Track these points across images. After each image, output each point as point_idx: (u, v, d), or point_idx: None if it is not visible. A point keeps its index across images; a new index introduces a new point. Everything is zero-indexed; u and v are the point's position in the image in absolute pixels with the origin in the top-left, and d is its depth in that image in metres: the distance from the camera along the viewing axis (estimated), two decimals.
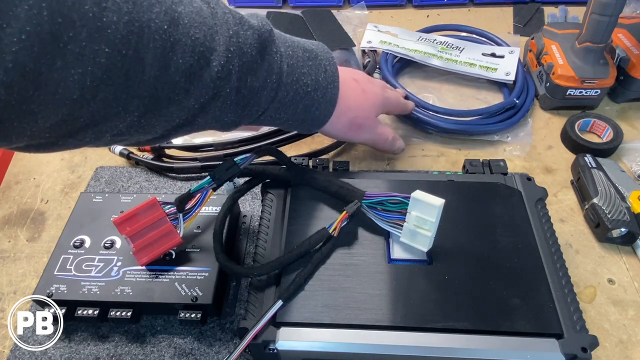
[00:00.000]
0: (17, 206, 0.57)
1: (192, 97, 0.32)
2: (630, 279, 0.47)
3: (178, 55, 0.30)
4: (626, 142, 0.59)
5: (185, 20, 0.30)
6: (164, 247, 0.42)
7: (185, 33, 0.30)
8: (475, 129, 0.60)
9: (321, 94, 0.41)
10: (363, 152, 0.61)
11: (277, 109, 0.39)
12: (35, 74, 0.23)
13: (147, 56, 0.28)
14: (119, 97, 0.28)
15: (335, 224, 0.41)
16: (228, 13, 0.34)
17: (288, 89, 0.38)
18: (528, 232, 0.42)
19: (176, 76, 0.30)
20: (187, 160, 0.59)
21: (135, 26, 0.27)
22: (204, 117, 0.35)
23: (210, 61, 0.32)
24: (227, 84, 0.33)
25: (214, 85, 0.33)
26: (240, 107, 0.36)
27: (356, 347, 0.36)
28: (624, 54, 0.63)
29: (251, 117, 0.38)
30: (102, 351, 0.43)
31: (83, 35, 0.24)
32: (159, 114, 0.31)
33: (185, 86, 0.31)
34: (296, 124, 0.43)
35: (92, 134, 0.30)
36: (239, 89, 0.35)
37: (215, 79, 0.32)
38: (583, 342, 0.35)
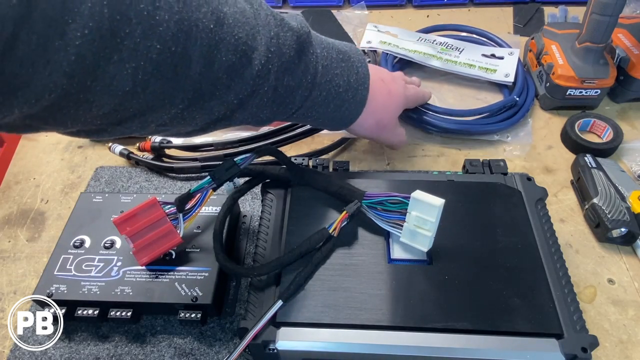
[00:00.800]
0: (17, 206, 0.57)
1: (232, 92, 0.33)
2: (630, 279, 0.47)
3: (222, 53, 0.31)
4: (626, 142, 0.59)
5: (230, 20, 0.31)
6: (164, 247, 0.42)
7: (230, 32, 0.31)
8: (475, 129, 0.60)
9: (352, 94, 0.43)
10: (363, 152, 0.61)
11: (310, 108, 0.41)
12: (94, 66, 0.25)
13: (194, 53, 0.29)
14: (166, 91, 0.30)
15: (335, 224, 0.41)
16: (270, 15, 0.35)
17: (321, 88, 0.40)
18: (528, 232, 0.42)
19: (219, 73, 0.32)
20: (187, 160, 0.59)
21: (184, 25, 0.28)
22: (242, 113, 0.36)
23: (252, 60, 0.33)
24: (266, 82, 0.35)
25: (254, 83, 0.34)
26: (276, 104, 0.37)
27: (356, 347, 0.36)
28: (624, 54, 0.63)
29: (285, 114, 0.40)
30: (102, 351, 0.43)
31: (138, 32, 0.26)
32: (200, 107, 0.33)
33: (227, 82, 0.32)
34: (326, 122, 0.44)
35: (139, 123, 0.31)
36: (277, 87, 0.36)
37: (255, 76, 0.34)
38: (583, 342, 0.35)
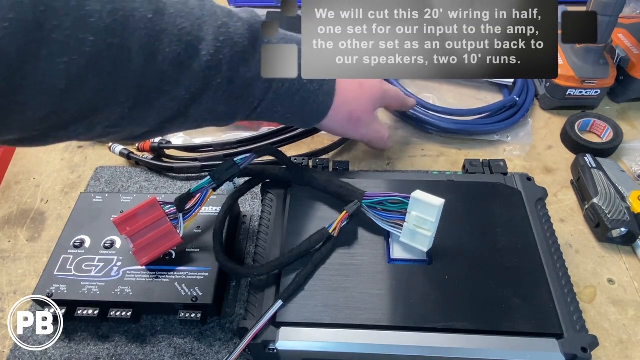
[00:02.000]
0: (17, 206, 0.57)
1: (182, 86, 0.32)
2: (630, 279, 0.47)
3: (165, 44, 0.30)
4: (626, 142, 0.59)
5: (171, 10, 0.30)
6: (164, 247, 0.42)
7: (172, 22, 0.30)
8: (475, 129, 0.60)
9: (318, 85, 0.41)
10: (363, 152, 0.61)
11: (273, 101, 0.39)
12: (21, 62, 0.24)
13: (133, 45, 0.28)
14: (108, 88, 0.28)
15: (335, 224, 0.41)
16: (217, 6, 0.34)
17: (282, 80, 0.39)
18: (528, 232, 0.42)
19: (164, 65, 0.30)
20: (187, 160, 0.59)
21: (119, 15, 0.27)
22: (197, 109, 0.35)
23: (199, 50, 0.32)
24: (218, 73, 0.34)
25: (204, 75, 0.33)
26: (233, 98, 0.36)
27: (356, 347, 0.36)
28: (624, 54, 0.63)
29: (246, 110, 0.38)
30: (102, 351, 0.43)
31: (67, 24, 0.25)
32: (149, 105, 0.32)
33: (174, 76, 0.31)
34: (294, 117, 0.43)
35: (83, 126, 0.30)
36: (232, 79, 0.35)
37: (205, 68, 0.33)
38: (583, 342, 0.35)
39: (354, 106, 0.46)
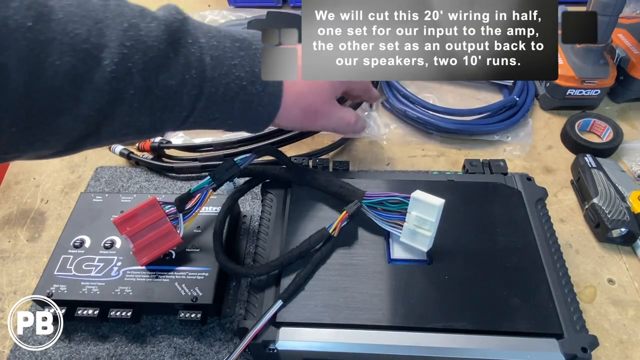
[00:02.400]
0: (17, 206, 0.57)
1: (84, 104, 0.28)
2: (630, 279, 0.47)
3: (53, 56, 0.26)
4: (626, 142, 0.59)
5: (60, 14, 0.26)
6: (164, 247, 0.42)
7: (61, 30, 0.26)
8: (475, 129, 0.60)
9: (261, 87, 0.36)
10: (363, 152, 0.61)
11: (207, 109, 0.35)
12: None
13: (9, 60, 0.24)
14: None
15: (335, 224, 0.41)
16: (124, 6, 0.30)
17: (216, 84, 0.34)
18: (528, 232, 0.42)
19: (56, 81, 0.26)
20: (187, 160, 0.59)
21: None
22: (110, 125, 0.30)
23: (101, 60, 0.28)
24: (129, 84, 0.29)
25: (110, 88, 0.28)
26: (156, 109, 0.32)
27: (356, 347, 0.36)
28: (624, 54, 0.63)
29: (176, 120, 0.34)
30: (102, 351, 0.43)
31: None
32: (47, 127, 0.28)
33: (73, 92, 0.27)
34: (237, 123, 0.38)
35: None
36: (149, 88, 0.31)
37: (110, 80, 0.28)
38: (583, 342, 0.35)
39: (308, 100, 0.41)
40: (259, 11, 0.79)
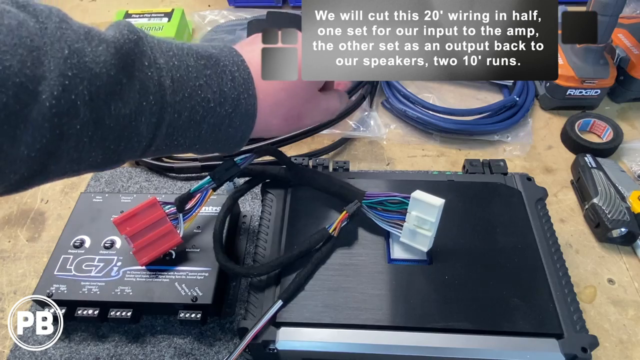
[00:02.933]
0: (17, 206, 0.57)
1: (22, 144, 0.24)
2: (630, 279, 0.47)
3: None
4: (626, 142, 0.59)
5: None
6: (164, 247, 0.42)
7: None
8: (475, 129, 0.60)
9: (231, 107, 0.33)
10: (363, 152, 0.61)
11: (170, 135, 0.31)
12: None
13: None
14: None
15: (335, 224, 0.41)
16: (66, 28, 0.26)
17: (179, 108, 0.30)
18: (528, 232, 0.42)
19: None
20: (187, 160, 0.59)
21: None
22: (58, 164, 0.27)
23: (38, 94, 0.24)
24: (75, 118, 0.26)
25: (53, 125, 0.25)
26: (109, 141, 0.28)
27: (356, 347, 0.36)
28: (624, 54, 0.63)
29: (134, 151, 0.30)
30: (102, 351, 0.43)
31: None
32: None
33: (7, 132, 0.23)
34: (206, 147, 0.35)
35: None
36: (99, 120, 0.27)
37: (51, 116, 0.24)
38: (583, 342, 0.35)
39: (287, 106, 0.37)
40: (259, 11, 0.79)
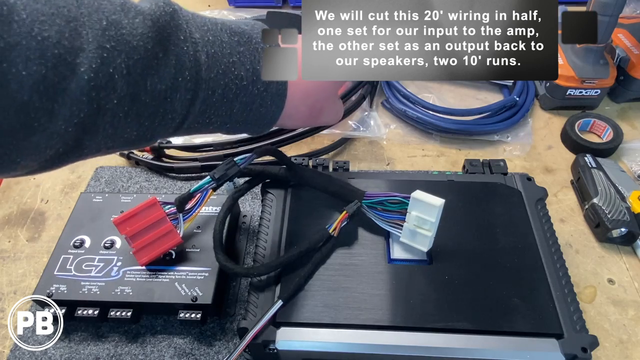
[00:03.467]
0: (17, 206, 0.57)
1: (60, 118, 0.24)
2: (630, 279, 0.47)
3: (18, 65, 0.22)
4: (626, 142, 0.59)
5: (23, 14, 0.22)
6: (164, 247, 0.42)
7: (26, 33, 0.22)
8: (475, 129, 0.60)
9: (263, 86, 0.33)
10: (363, 152, 0.61)
11: (203, 113, 0.31)
12: None
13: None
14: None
15: (335, 224, 0.41)
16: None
17: (213, 85, 0.30)
18: (528, 232, 0.42)
19: (23, 95, 0.22)
20: (187, 160, 0.59)
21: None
22: (93, 139, 0.27)
23: (76, 66, 0.23)
24: (112, 93, 0.25)
25: (90, 99, 0.24)
26: (144, 117, 0.28)
27: (356, 347, 0.36)
28: (624, 54, 0.63)
29: (167, 128, 0.30)
30: (102, 351, 0.43)
31: None
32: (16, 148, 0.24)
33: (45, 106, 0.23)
34: (237, 126, 0.34)
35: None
36: (136, 96, 0.27)
37: (89, 89, 0.24)
38: (583, 342, 0.35)
39: (316, 97, 0.37)
40: (259, 11, 0.79)
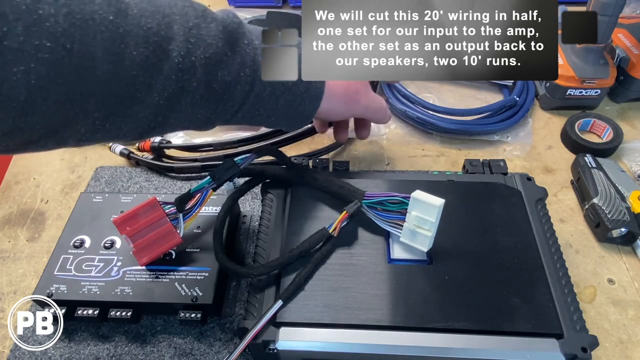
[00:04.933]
0: (17, 206, 0.57)
1: (155, 91, 0.30)
2: (630, 279, 0.47)
3: (131, 47, 0.28)
4: (626, 142, 0.59)
5: (135, 10, 0.29)
6: (164, 247, 0.42)
7: (136, 23, 0.28)
8: (475, 129, 0.60)
9: (304, 88, 0.39)
10: (363, 152, 0.61)
11: (255, 105, 0.37)
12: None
13: (96, 50, 0.27)
14: (74, 98, 0.27)
15: (335, 224, 0.41)
16: (189, 6, 0.32)
17: (265, 83, 0.36)
18: (528, 232, 0.42)
19: (132, 70, 0.29)
20: (187, 160, 0.59)
21: (76, 18, 0.25)
22: (177, 117, 0.33)
23: (169, 52, 0.30)
24: (193, 76, 0.32)
25: (177, 78, 0.31)
26: (212, 102, 0.35)
27: (356, 347, 0.36)
28: (624, 54, 0.63)
29: (227, 114, 0.37)
30: (102, 351, 0.43)
31: (19, 30, 0.23)
32: (123, 115, 0.30)
33: (145, 80, 0.30)
34: (279, 120, 0.40)
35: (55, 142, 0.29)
36: (209, 82, 0.33)
37: (177, 70, 0.31)
38: (583, 342, 0.35)
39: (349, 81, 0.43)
40: (259, 11, 0.79)
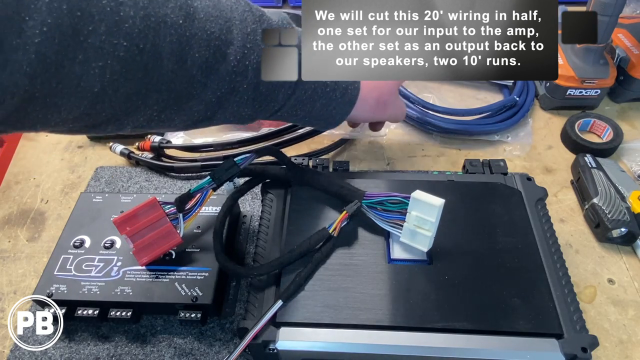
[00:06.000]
0: (17, 206, 0.57)
1: (209, 90, 0.33)
2: (630, 279, 0.47)
3: (194, 49, 0.30)
4: (626, 142, 0.59)
5: (201, 14, 0.31)
6: (164, 247, 0.42)
7: (201, 27, 0.31)
8: (475, 129, 0.60)
9: (340, 94, 0.42)
10: (363, 152, 0.61)
11: (294, 106, 0.40)
12: (58, 66, 0.24)
13: (164, 50, 0.29)
14: (139, 92, 0.29)
15: (335, 224, 0.41)
16: (248, 11, 0.34)
17: (306, 87, 0.39)
18: (528, 232, 0.42)
19: (193, 70, 0.31)
20: (187, 160, 0.59)
21: (151, 21, 0.28)
22: (224, 113, 0.36)
23: (227, 55, 0.32)
24: (245, 79, 0.34)
25: (230, 80, 0.33)
26: (257, 102, 0.37)
27: (356, 347, 0.36)
28: (624, 54, 0.63)
29: (267, 112, 0.39)
30: (102, 351, 0.43)
31: (102, 29, 0.25)
32: (178, 109, 0.33)
33: (202, 80, 0.32)
34: (313, 121, 0.43)
35: (114, 127, 0.31)
36: (258, 85, 0.35)
37: (232, 72, 0.33)
38: (583, 342, 0.35)
39: (381, 90, 0.46)
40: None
